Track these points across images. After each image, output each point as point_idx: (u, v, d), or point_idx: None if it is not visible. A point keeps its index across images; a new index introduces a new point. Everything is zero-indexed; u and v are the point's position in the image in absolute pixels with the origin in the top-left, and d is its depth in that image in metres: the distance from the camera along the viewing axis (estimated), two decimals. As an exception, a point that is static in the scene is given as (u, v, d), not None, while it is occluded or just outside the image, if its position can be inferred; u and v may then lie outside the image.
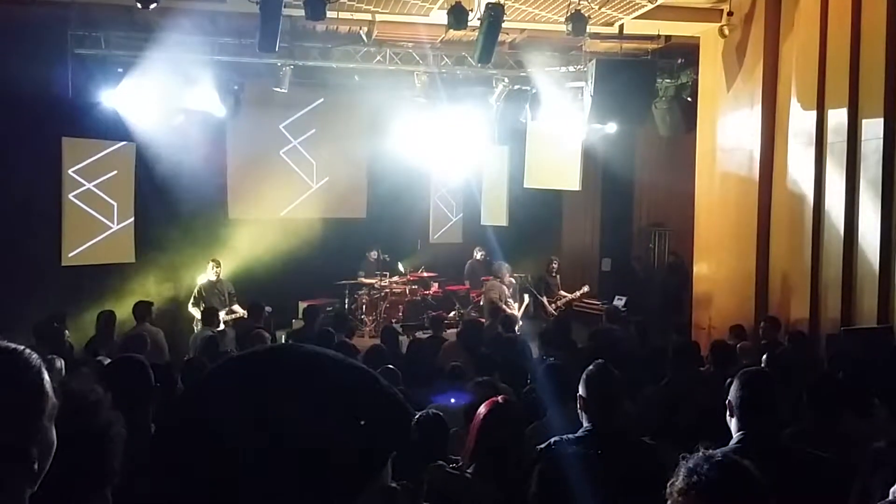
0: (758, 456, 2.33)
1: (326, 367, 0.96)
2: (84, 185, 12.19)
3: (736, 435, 3.22)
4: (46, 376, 1.56)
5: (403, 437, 0.97)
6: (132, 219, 12.66)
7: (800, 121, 9.96)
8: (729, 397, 3.29)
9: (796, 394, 4.82)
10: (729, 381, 3.70)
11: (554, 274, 13.44)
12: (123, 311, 10.05)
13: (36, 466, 1.49)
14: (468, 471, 3.79)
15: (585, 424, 3.68)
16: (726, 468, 2.13)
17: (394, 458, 0.97)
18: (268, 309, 11.20)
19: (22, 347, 1.56)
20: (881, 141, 8.75)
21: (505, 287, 12.35)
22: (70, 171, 12.04)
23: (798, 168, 9.99)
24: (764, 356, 6.97)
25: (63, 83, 10.58)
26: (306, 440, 0.87)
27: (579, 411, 3.74)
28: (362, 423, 0.91)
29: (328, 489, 0.88)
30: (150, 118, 11.70)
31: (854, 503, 3.45)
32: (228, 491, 0.86)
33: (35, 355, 1.57)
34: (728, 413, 3.29)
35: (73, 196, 12.11)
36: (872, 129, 8.90)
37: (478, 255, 14.52)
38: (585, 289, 13.13)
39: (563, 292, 13.20)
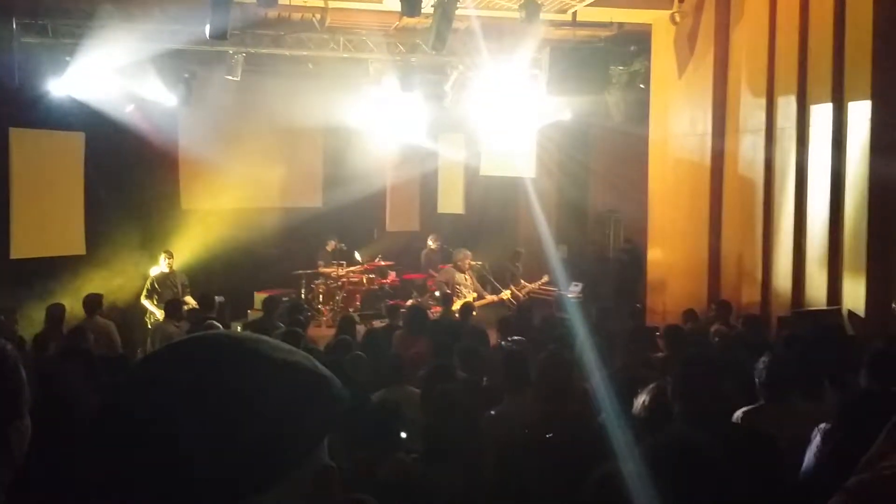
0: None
1: (253, 349, 0.97)
2: (33, 177, 11.95)
3: (677, 416, 3.27)
4: (22, 368, 1.58)
5: (335, 415, 0.99)
6: (82, 210, 12.44)
7: (750, 107, 10.10)
8: (671, 380, 3.35)
9: (748, 375, 4.89)
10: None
11: (517, 263, 13.42)
12: (74, 304, 9.87)
13: (14, 452, 1.52)
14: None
15: (541, 409, 3.71)
16: (681, 447, 2.15)
17: (332, 441, 0.99)
18: (219, 299, 11.08)
19: (3, 341, 1.59)
20: (830, 126, 8.89)
21: (459, 273, 12.21)
22: (18, 163, 11.79)
23: (749, 154, 10.13)
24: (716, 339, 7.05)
25: (9, 72, 10.33)
26: (238, 419, 0.89)
27: (534, 397, 3.77)
28: (294, 402, 0.94)
29: (262, 466, 0.90)
30: (100, 108, 11.50)
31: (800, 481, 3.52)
32: (163, 474, 0.87)
33: (10, 346, 1.59)
34: (671, 395, 3.34)
35: (22, 187, 11.86)
36: (821, 115, 9.05)
37: (432, 244, 14.43)
38: (545, 279, 13.16)
39: (524, 282, 13.18)
